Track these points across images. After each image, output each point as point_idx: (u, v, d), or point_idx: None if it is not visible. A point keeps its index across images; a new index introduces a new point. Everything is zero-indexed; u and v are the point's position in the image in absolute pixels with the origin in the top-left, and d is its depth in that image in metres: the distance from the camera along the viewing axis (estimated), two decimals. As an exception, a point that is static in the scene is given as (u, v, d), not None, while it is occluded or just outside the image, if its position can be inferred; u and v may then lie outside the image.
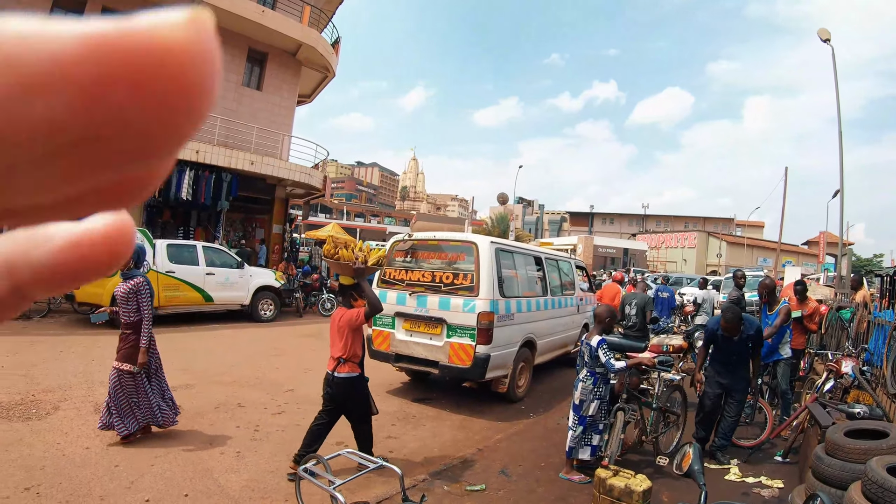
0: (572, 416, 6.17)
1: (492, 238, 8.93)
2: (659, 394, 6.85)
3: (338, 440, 6.69)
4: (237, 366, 10.03)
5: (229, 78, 22.35)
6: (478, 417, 8.10)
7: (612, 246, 60.48)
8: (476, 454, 6.66)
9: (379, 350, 8.91)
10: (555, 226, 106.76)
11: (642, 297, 10.71)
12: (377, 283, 9.19)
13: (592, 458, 6.03)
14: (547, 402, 9.12)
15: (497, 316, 8.06)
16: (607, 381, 6.12)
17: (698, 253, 62.56)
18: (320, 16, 25.01)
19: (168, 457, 5.86)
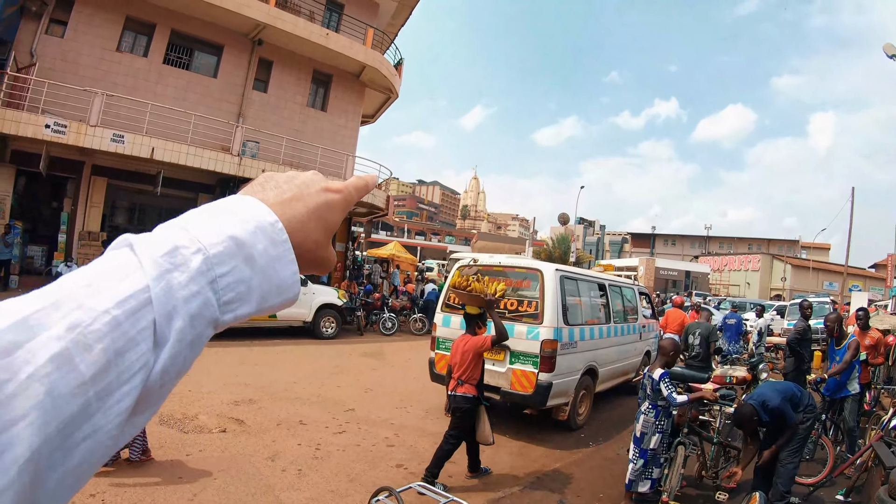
0: (633, 449, 6.09)
1: (557, 265, 8.90)
2: (720, 427, 6.71)
3: (398, 463, 6.75)
4: (299, 382, 10.17)
5: (295, 99, 22.91)
6: (537, 445, 8.04)
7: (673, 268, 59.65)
8: (535, 482, 6.63)
9: (441, 374, 8.93)
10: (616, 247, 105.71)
11: (706, 327, 10.52)
12: (441, 308, 9.25)
13: (651, 491, 5.95)
14: (607, 431, 9.01)
15: (560, 344, 8.01)
16: (669, 414, 6.03)
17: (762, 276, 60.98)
18: (383, 38, 25.43)
19: (230, 471, 5.97)
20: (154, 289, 0.51)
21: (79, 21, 18.60)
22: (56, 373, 0.44)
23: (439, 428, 8.31)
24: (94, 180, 18.59)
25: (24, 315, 0.45)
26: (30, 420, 0.42)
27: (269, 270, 0.59)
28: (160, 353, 0.51)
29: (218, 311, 0.55)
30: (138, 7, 19.51)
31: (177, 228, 0.56)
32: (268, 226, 0.60)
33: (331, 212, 0.69)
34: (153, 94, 19.31)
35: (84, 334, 0.46)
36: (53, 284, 0.50)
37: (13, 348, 0.43)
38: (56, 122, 15.95)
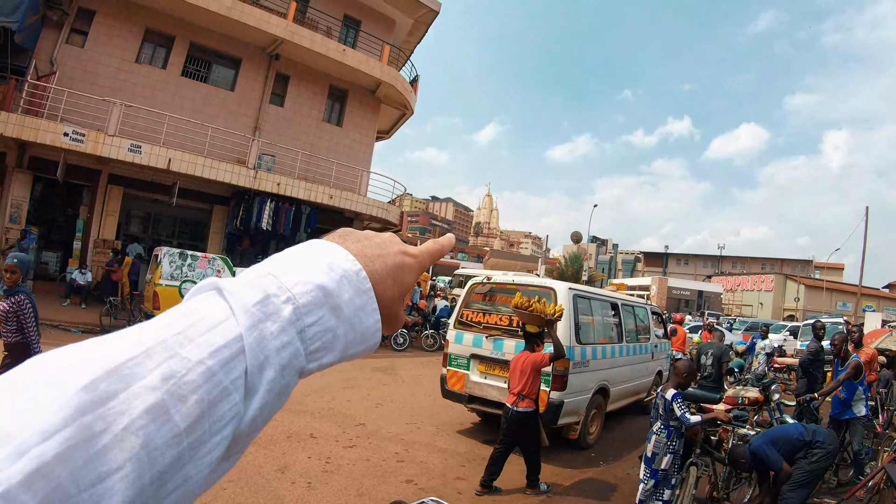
0: (644, 469, 6.03)
1: (570, 284, 8.88)
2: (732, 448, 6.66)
3: (408, 478, 6.72)
4: (310, 395, 10.15)
5: (311, 114, 23.06)
6: (547, 463, 7.94)
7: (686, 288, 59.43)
8: (544, 501, 6.59)
9: (452, 390, 8.93)
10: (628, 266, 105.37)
11: (719, 347, 10.45)
12: (454, 325, 9.25)
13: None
14: (617, 450, 8.94)
15: (573, 362, 7.98)
16: (681, 434, 5.96)
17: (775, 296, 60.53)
18: (399, 54, 25.61)
19: (240, 482, 5.95)
20: (247, 339, 0.51)
21: (99, 31, 18.88)
22: (151, 425, 0.43)
23: (449, 445, 8.31)
24: (110, 189, 18.75)
25: (117, 363, 0.44)
26: (125, 473, 0.41)
27: (354, 320, 0.59)
28: (251, 403, 0.51)
29: (305, 361, 0.55)
30: (158, 19, 19.77)
31: (265, 275, 0.56)
32: (353, 275, 0.60)
33: (406, 274, 0.68)
34: (171, 105, 19.52)
35: (179, 385, 0.46)
36: (140, 330, 0.49)
37: (108, 398, 0.42)
38: (74, 130, 16.12)
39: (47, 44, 17.88)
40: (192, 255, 14.19)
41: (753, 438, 5.94)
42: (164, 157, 17.48)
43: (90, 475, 0.40)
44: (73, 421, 0.40)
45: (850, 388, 7.81)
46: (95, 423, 0.41)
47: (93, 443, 0.40)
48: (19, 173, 17.15)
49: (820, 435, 5.95)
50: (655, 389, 10.20)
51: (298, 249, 0.63)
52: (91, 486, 0.40)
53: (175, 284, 13.54)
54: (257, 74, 21.92)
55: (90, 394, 0.42)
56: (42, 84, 17.00)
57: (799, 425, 6.25)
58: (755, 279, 64.95)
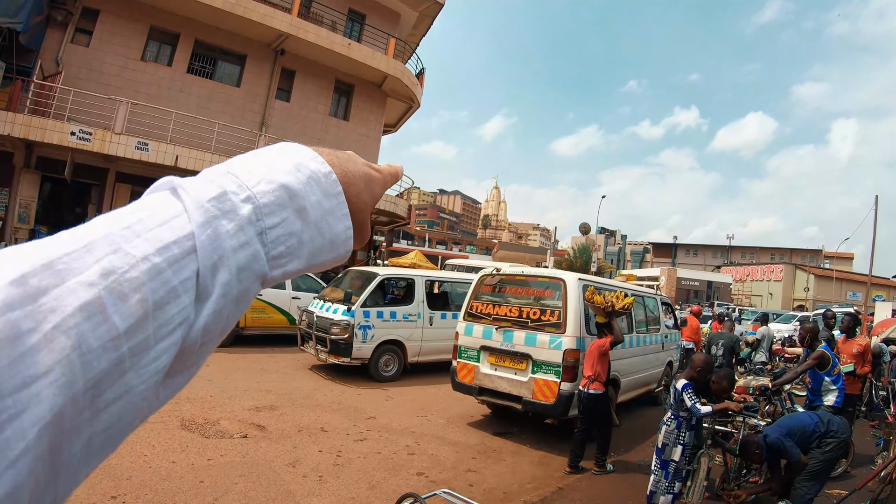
0: (655, 460, 6.00)
1: (579, 275, 8.84)
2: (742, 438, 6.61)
3: (419, 471, 6.71)
4: (320, 389, 10.16)
5: (317, 108, 23.06)
6: (558, 455, 7.95)
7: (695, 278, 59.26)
8: (556, 493, 6.55)
9: (463, 382, 8.92)
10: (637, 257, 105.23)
11: (729, 338, 10.41)
12: (463, 317, 9.24)
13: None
14: (628, 442, 8.90)
15: (583, 354, 7.90)
16: (692, 426, 5.92)
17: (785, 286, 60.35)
18: (405, 48, 25.57)
19: (251, 476, 5.96)
20: (199, 236, 0.47)
21: (104, 30, 18.94)
22: (86, 324, 0.39)
23: (460, 437, 8.30)
24: (118, 187, 18.81)
25: (51, 258, 0.41)
26: (53, 377, 0.37)
27: (321, 224, 0.56)
28: (202, 308, 0.47)
29: (267, 266, 0.52)
30: (162, 17, 19.81)
31: (224, 173, 0.52)
32: (322, 177, 0.57)
33: (375, 184, 0.66)
34: (177, 102, 19.57)
35: (120, 282, 0.42)
36: (86, 225, 0.45)
37: (38, 294, 0.38)
38: (81, 129, 16.17)
39: (52, 44, 17.94)
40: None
41: (768, 430, 5.88)
42: (172, 155, 17.51)
43: (14, 379, 0.36)
44: None
45: (816, 378, 7.70)
46: (22, 320, 0.37)
47: (18, 342, 0.36)
48: (27, 173, 17.21)
49: (834, 424, 5.90)
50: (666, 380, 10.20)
51: (265, 149, 0.59)
52: (15, 391, 0.36)
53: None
54: (263, 70, 21.94)
55: (18, 288, 0.38)
56: (48, 84, 17.06)
57: (813, 414, 6.20)
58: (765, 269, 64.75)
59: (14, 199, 17.18)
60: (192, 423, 7.45)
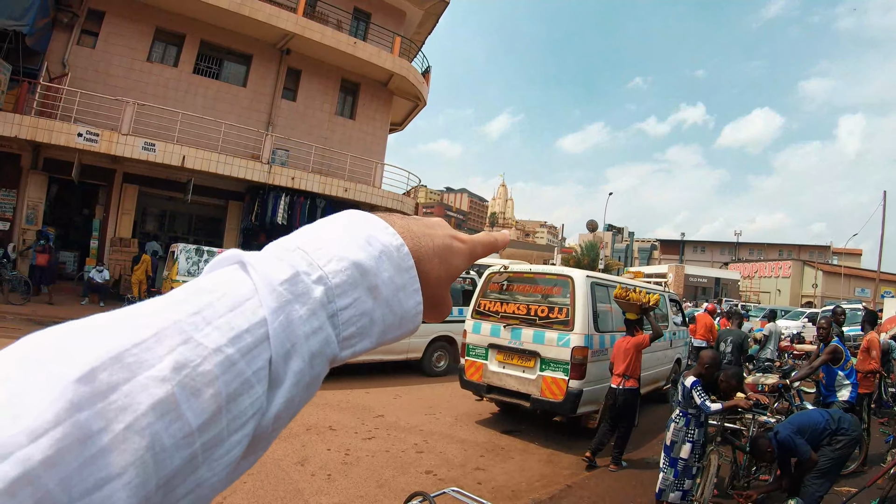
0: (663, 457, 5.97)
1: (587, 272, 8.81)
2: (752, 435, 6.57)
3: (427, 469, 6.70)
4: (328, 388, 10.16)
5: (323, 108, 23.07)
6: (566, 452, 7.94)
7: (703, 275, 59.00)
8: (564, 491, 6.52)
9: (471, 380, 8.91)
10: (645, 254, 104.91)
11: (738, 334, 10.35)
12: (471, 315, 9.22)
13: (683, 501, 5.83)
14: (636, 439, 8.83)
15: (591, 351, 7.93)
16: (700, 423, 5.89)
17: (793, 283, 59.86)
18: (410, 46, 25.54)
19: (260, 475, 5.96)
20: (272, 323, 0.44)
21: (110, 32, 18.98)
22: (159, 423, 0.37)
23: (468, 435, 8.29)
24: (125, 188, 18.88)
25: (120, 349, 0.38)
26: (126, 479, 0.35)
27: (392, 301, 0.53)
28: (275, 396, 0.45)
29: (337, 348, 0.49)
30: (168, 18, 19.83)
31: (295, 248, 0.50)
32: (394, 250, 0.54)
33: (455, 257, 0.62)
34: (183, 103, 19.60)
35: (192, 377, 0.39)
36: (150, 306, 0.43)
37: (108, 391, 0.36)
38: (88, 130, 16.22)
39: (58, 46, 18.00)
40: (209, 251, 14.22)
41: (779, 427, 5.83)
42: (178, 155, 17.54)
43: (85, 482, 0.34)
44: (66, 418, 0.34)
45: (830, 373, 7.68)
46: (93, 420, 0.35)
47: (89, 444, 0.34)
48: (34, 175, 17.29)
49: (844, 422, 5.86)
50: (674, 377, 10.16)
51: (333, 220, 0.56)
52: (86, 495, 0.33)
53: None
54: (269, 70, 21.95)
55: (88, 385, 0.35)
56: (54, 86, 17.11)
57: (824, 412, 6.16)
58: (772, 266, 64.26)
59: (22, 200, 17.26)
60: (201, 422, 7.46)
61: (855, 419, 6.20)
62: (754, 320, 21.12)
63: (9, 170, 17.33)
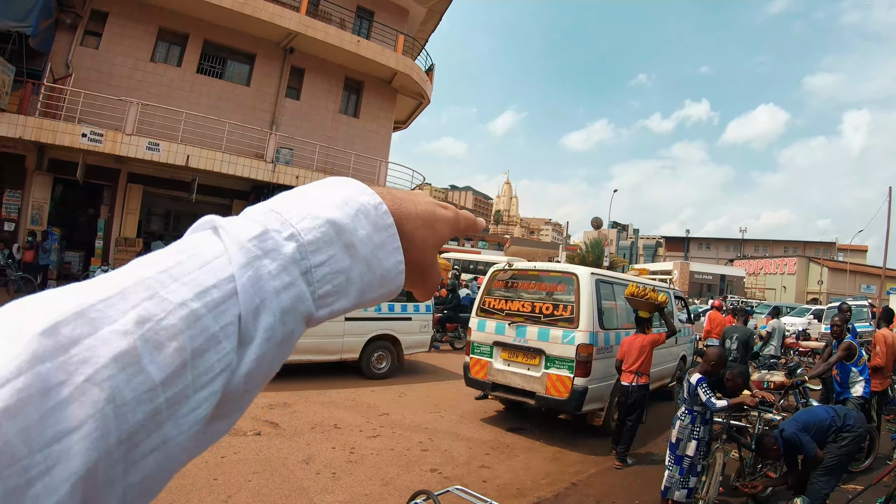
0: (669, 455, 5.94)
1: (592, 269, 8.79)
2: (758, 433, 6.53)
3: (432, 467, 6.69)
4: (333, 386, 10.17)
5: (327, 106, 23.08)
6: (571, 450, 7.91)
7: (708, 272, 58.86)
8: (569, 489, 6.50)
9: (476, 378, 8.89)
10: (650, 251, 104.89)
11: (744, 331, 10.31)
12: (476, 313, 9.21)
13: (688, 499, 5.81)
14: (642, 437, 8.79)
15: (596, 348, 7.90)
16: (706, 420, 5.86)
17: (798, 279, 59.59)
18: (414, 44, 25.58)
19: (265, 474, 5.96)
20: (240, 278, 0.44)
21: (113, 32, 19.02)
22: (120, 375, 0.37)
23: (473, 433, 8.28)
24: (129, 187, 18.93)
25: (84, 305, 0.38)
26: (86, 431, 0.35)
27: (371, 260, 0.52)
28: (245, 354, 0.44)
29: (312, 306, 0.48)
30: (171, 18, 19.85)
31: (267, 211, 0.50)
32: (371, 208, 0.53)
33: (439, 223, 0.61)
34: (187, 102, 19.62)
35: (156, 330, 0.39)
36: (123, 268, 0.43)
37: (69, 345, 0.36)
38: (92, 131, 16.28)
39: (62, 46, 18.03)
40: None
41: (784, 424, 5.80)
42: (183, 154, 17.59)
43: (44, 433, 0.34)
44: (27, 370, 0.34)
45: (844, 370, 7.67)
46: (54, 372, 0.35)
47: (49, 396, 0.34)
48: (39, 175, 17.35)
49: (850, 419, 5.82)
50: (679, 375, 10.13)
51: (310, 185, 0.56)
52: (45, 447, 0.33)
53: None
54: (272, 69, 21.96)
55: (50, 339, 0.36)
56: (58, 86, 17.17)
57: (829, 409, 6.13)
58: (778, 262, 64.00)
59: (27, 201, 17.33)
60: (206, 421, 7.47)
61: (861, 416, 6.17)
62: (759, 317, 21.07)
63: (14, 171, 17.41)
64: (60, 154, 16.96)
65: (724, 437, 6.15)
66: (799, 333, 18.47)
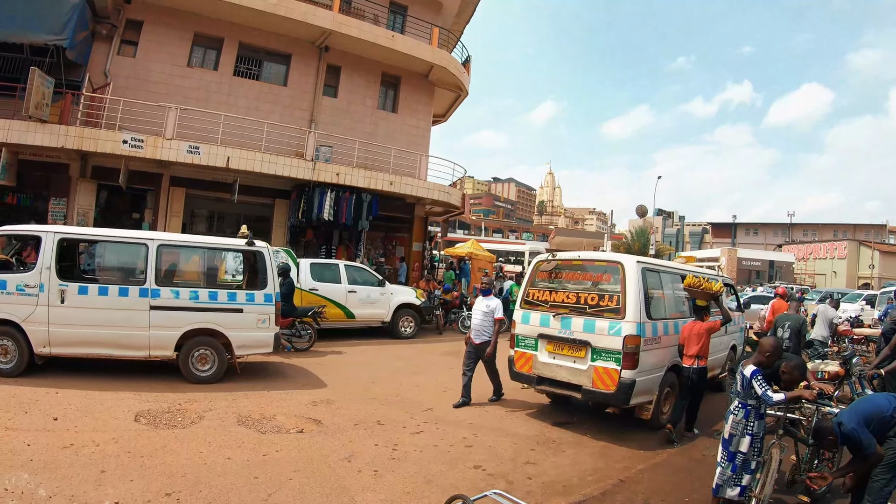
0: (721, 451, 5.65)
1: (638, 258, 8.56)
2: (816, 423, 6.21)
3: (476, 464, 6.55)
4: (377, 382, 10.12)
5: (365, 102, 23.10)
6: (619, 445, 7.69)
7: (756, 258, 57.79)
8: (617, 486, 6.29)
9: (521, 372, 8.72)
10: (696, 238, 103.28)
11: (797, 319, 9.95)
12: (520, 305, 9.03)
13: (741, 497, 5.53)
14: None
15: (644, 339, 7.67)
16: (760, 415, 5.56)
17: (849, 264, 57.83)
18: (449, 36, 25.43)
19: (306, 471, 5.90)
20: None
21: (149, 40, 19.29)
22: None
23: (518, 428, 8.13)
24: (172, 191, 19.11)
25: None
26: None
27: None
28: None
29: None
30: (206, 23, 20.04)
31: None
32: None
33: None
34: (226, 105, 19.79)
35: None
36: None
37: None
38: (133, 137, 16.51)
39: (99, 57, 18.37)
40: (256, 250, 14.28)
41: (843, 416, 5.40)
42: (223, 156, 17.71)
43: None
44: None
45: None
46: None
47: None
48: (83, 182, 17.63)
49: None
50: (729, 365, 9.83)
51: None
52: None
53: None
54: (308, 68, 22.00)
55: None
56: (98, 95, 17.48)
57: (891, 396, 5.73)
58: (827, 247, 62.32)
59: (72, 208, 17.64)
60: (249, 419, 7.48)
61: None
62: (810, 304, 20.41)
63: (59, 179, 17.75)
64: (103, 161, 17.22)
65: (780, 431, 5.86)
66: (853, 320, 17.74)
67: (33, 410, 7.09)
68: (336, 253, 21.15)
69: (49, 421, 6.77)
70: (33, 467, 5.38)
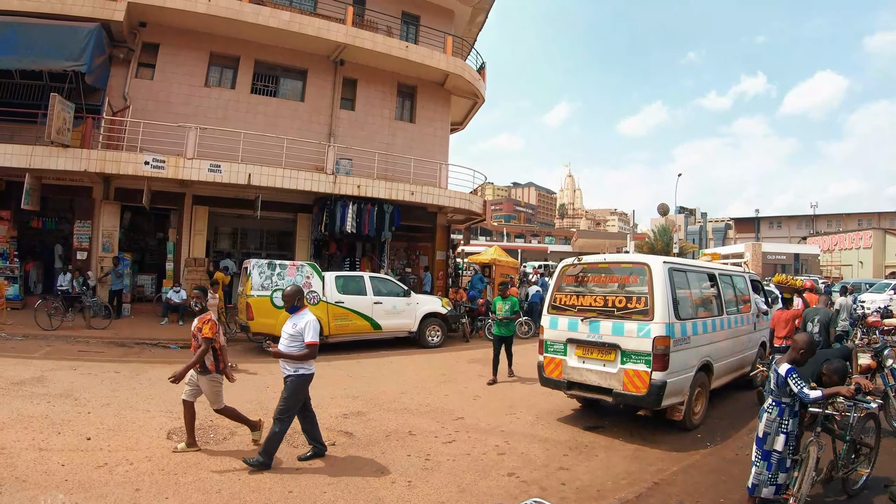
0: (756, 450, 5.57)
1: (664, 258, 8.50)
2: (853, 423, 6.12)
3: (509, 472, 6.52)
4: (407, 393, 10.11)
5: (382, 114, 23.20)
6: (651, 447, 7.62)
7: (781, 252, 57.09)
8: (651, 488, 6.21)
9: (551, 377, 8.67)
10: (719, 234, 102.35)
11: (825, 313, 9.82)
12: (547, 310, 9.01)
13: (777, 496, 5.45)
14: (724, 430, 8.44)
15: (673, 340, 7.60)
16: (795, 413, 5.48)
17: (875, 253, 56.42)
18: (462, 44, 25.46)
19: (340, 484, 5.89)
20: None
21: (166, 62, 19.62)
22: None
23: (551, 433, 8.09)
24: (195, 209, 19.32)
25: None
26: None
27: None
28: None
29: None
30: (221, 43, 20.31)
31: None
32: None
33: None
34: (244, 122, 19.99)
35: None
36: None
37: None
38: (154, 158, 16.73)
39: (118, 80, 18.66)
40: (281, 265, 14.49)
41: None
42: (244, 173, 17.87)
43: None
44: None
45: None
46: None
47: None
48: (107, 204, 17.92)
49: None
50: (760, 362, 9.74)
51: None
52: None
53: (266, 294, 13.86)
54: (325, 82, 22.15)
55: None
56: (118, 118, 17.80)
57: None
58: (852, 237, 61.05)
59: (97, 229, 17.94)
60: (281, 435, 7.48)
61: None
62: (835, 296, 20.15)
63: (82, 202, 18.12)
64: (126, 182, 17.49)
65: (818, 429, 5.76)
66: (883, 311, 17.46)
67: (66, 431, 7.15)
68: (360, 265, 21.24)
69: (82, 441, 6.84)
70: (68, 487, 5.43)
